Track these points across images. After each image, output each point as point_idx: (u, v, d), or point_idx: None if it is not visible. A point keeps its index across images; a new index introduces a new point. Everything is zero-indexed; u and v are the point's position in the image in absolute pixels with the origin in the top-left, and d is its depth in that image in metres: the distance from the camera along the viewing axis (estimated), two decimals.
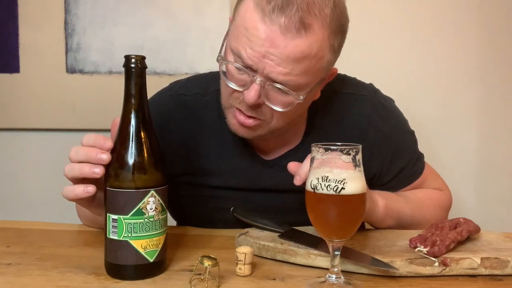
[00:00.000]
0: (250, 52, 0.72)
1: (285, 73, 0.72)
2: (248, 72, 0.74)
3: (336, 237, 0.61)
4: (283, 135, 0.88)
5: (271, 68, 0.71)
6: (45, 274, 0.64)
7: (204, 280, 0.60)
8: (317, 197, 0.61)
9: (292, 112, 0.77)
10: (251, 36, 0.71)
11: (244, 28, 0.73)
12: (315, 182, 0.60)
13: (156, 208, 0.63)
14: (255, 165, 0.90)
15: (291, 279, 0.64)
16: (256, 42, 0.71)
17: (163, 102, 0.93)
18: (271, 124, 0.80)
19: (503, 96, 1.58)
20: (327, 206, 0.61)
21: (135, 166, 0.62)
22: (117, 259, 0.62)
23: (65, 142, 1.64)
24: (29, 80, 1.60)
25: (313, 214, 0.63)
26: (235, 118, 0.80)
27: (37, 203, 1.60)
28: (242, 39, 0.73)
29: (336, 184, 0.59)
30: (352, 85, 0.94)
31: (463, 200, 1.54)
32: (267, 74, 0.72)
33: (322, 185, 0.60)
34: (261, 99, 0.74)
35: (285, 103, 0.75)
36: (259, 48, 0.71)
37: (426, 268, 0.65)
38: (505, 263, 0.65)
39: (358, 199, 0.61)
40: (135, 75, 0.64)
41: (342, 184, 0.59)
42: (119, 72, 1.56)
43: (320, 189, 0.60)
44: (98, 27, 1.58)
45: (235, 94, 0.78)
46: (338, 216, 0.62)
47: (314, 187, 0.61)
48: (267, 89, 0.74)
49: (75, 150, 0.67)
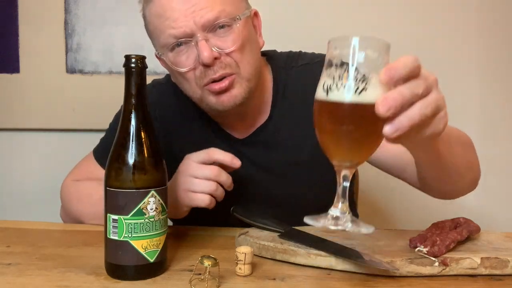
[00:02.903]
0: (176, 23, 0.78)
1: (211, 9, 0.79)
2: (188, 41, 0.80)
3: (348, 157, 0.53)
4: (257, 107, 0.92)
5: (199, 16, 0.78)
6: (45, 274, 0.64)
7: (204, 280, 0.60)
8: (330, 103, 0.50)
9: (250, 53, 0.84)
10: (167, 13, 0.79)
11: (159, 20, 0.81)
12: (329, 82, 0.50)
13: (156, 208, 0.63)
14: (233, 145, 0.93)
15: (291, 279, 0.64)
16: (173, 13, 0.79)
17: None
18: (243, 75, 0.83)
19: (503, 96, 1.58)
20: (344, 110, 0.50)
21: (136, 166, 0.62)
22: (117, 259, 0.62)
23: (65, 142, 1.65)
24: (29, 80, 1.60)
25: (323, 128, 0.54)
26: (212, 92, 0.82)
27: (37, 203, 1.59)
28: (164, 24, 0.80)
29: (357, 85, 0.49)
30: (307, 57, 0.98)
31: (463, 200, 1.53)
32: (201, 24, 0.78)
33: (339, 85, 0.50)
34: (215, 52, 0.80)
35: (234, 39, 0.81)
36: (179, 14, 0.78)
37: (426, 268, 0.65)
38: (505, 263, 0.65)
39: None
40: (135, 75, 0.64)
41: (364, 83, 0.49)
42: (119, 72, 1.56)
43: (336, 90, 0.50)
44: (98, 27, 1.58)
45: (196, 73, 0.82)
46: (356, 128, 0.51)
47: (327, 89, 0.51)
48: (212, 40, 0.80)
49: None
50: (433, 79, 0.51)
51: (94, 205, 0.88)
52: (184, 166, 0.79)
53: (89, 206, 0.90)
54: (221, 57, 0.81)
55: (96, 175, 0.95)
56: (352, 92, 0.49)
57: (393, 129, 0.48)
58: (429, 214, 1.16)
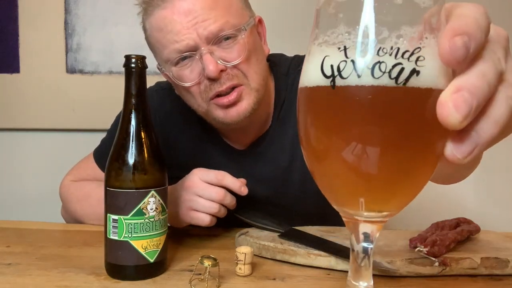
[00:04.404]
0: (179, 37, 0.76)
1: (214, 21, 0.76)
2: (192, 55, 0.78)
3: (373, 204, 0.30)
4: (260, 117, 0.89)
5: (202, 28, 0.76)
6: (45, 274, 0.64)
7: (204, 280, 0.60)
8: (340, 96, 0.27)
9: (256, 63, 0.81)
10: (168, 27, 0.77)
11: (160, 33, 0.78)
12: (338, 59, 0.27)
13: (156, 208, 0.63)
14: (231, 156, 0.92)
15: (291, 279, 0.64)
16: (175, 26, 0.76)
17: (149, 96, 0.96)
18: (252, 86, 0.81)
19: None
20: (368, 114, 0.27)
21: (136, 166, 0.62)
22: (117, 259, 0.62)
23: (65, 142, 1.65)
24: (29, 80, 1.60)
25: (320, 145, 0.30)
26: (220, 106, 0.80)
27: (37, 203, 1.60)
28: (166, 38, 0.78)
29: (400, 61, 0.26)
30: (301, 61, 0.96)
31: (463, 200, 1.54)
32: (205, 36, 0.76)
33: (360, 63, 0.26)
34: (221, 65, 0.77)
35: (239, 50, 0.78)
36: (180, 27, 0.76)
37: (426, 268, 0.65)
38: (505, 263, 0.65)
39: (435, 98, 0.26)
40: (135, 75, 0.64)
41: (414, 60, 0.26)
42: (119, 72, 1.56)
43: (353, 73, 0.26)
44: (98, 27, 1.58)
45: (201, 87, 0.80)
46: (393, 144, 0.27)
47: (334, 72, 0.27)
48: (217, 52, 0.77)
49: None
50: (505, 38, 0.28)
51: (93, 206, 0.88)
52: (191, 183, 0.78)
53: (88, 207, 0.90)
54: (227, 69, 0.78)
55: (94, 176, 0.95)
56: (387, 76, 0.26)
57: (469, 148, 0.26)
58: (429, 214, 1.16)
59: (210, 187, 0.77)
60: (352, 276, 0.32)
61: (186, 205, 0.78)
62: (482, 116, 0.26)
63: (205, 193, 0.76)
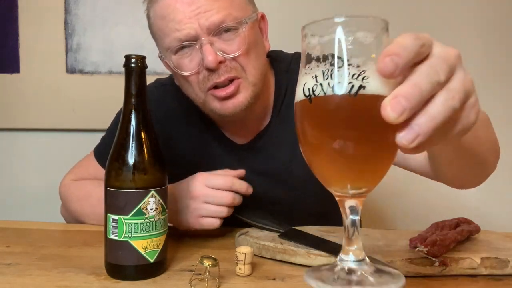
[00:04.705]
0: (181, 26, 0.77)
1: (216, 12, 0.77)
2: (193, 44, 0.78)
3: (351, 182, 0.40)
4: (260, 112, 0.90)
5: (204, 19, 0.77)
6: (45, 274, 0.64)
7: (204, 280, 0.60)
8: (316, 107, 0.39)
9: (255, 57, 0.82)
10: (171, 15, 0.78)
11: (163, 21, 0.79)
12: (312, 84, 0.39)
13: (156, 208, 0.63)
14: (231, 150, 0.93)
15: (291, 279, 0.64)
16: (177, 15, 0.77)
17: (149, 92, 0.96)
18: (249, 79, 0.82)
19: (503, 96, 1.58)
20: (335, 118, 0.38)
21: (136, 166, 0.62)
22: (117, 259, 0.62)
23: (65, 142, 1.65)
24: (29, 80, 1.60)
25: (309, 145, 0.41)
26: (217, 98, 0.81)
27: (37, 203, 1.60)
28: (168, 26, 0.79)
29: (350, 81, 0.37)
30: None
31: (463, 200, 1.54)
32: (206, 26, 0.77)
33: (325, 85, 0.38)
34: (220, 56, 0.78)
35: (239, 43, 0.79)
36: (183, 16, 0.77)
37: (426, 268, 0.65)
38: (505, 263, 0.65)
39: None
40: (135, 75, 0.64)
41: (360, 79, 0.37)
42: (119, 72, 1.56)
43: (321, 93, 0.38)
44: (98, 27, 1.58)
45: (200, 77, 0.80)
46: (357, 141, 0.38)
47: (310, 92, 0.39)
48: (217, 43, 0.78)
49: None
50: (454, 55, 0.37)
51: (93, 206, 0.88)
52: (197, 192, 0.77)
53: (88, 206, 0.90)
54: (226, 61, 0.79)
55: (95, 175, 0.95)
56: (345, 93, 0.37)
57: (411, 136, 0.35)
58: (429, 214, 1.16)
59: (218, 193, 0.77)
60: (346, 243, 0.42)
61: (196, 214, 0.77)
62: (421, 113, 0.35)
63: (214, 200, 0.77)
